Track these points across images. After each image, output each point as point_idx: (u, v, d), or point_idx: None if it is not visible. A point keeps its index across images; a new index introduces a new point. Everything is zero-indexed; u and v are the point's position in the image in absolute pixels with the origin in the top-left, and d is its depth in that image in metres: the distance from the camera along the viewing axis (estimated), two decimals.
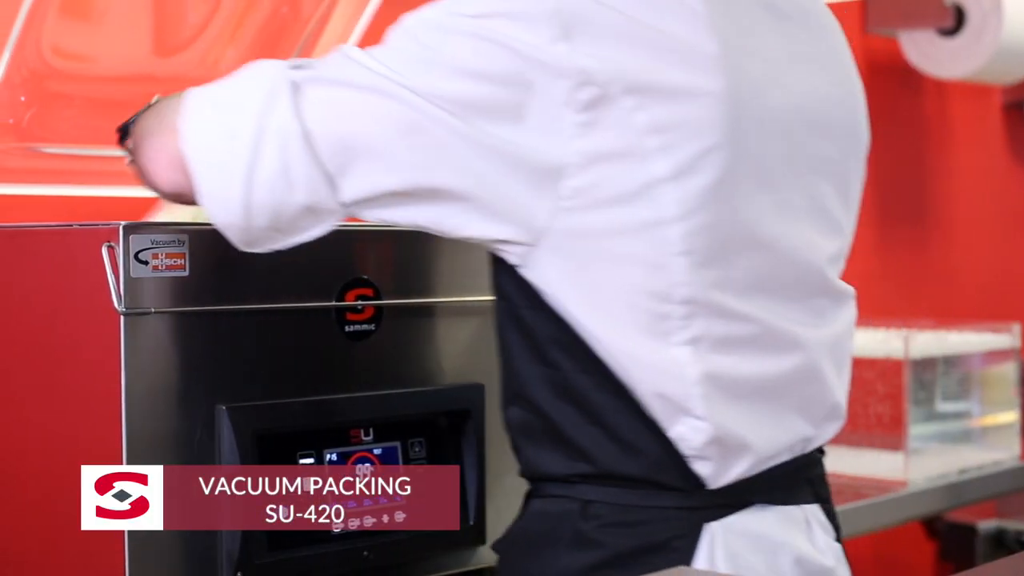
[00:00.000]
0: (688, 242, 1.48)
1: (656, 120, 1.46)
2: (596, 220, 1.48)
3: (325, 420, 1.72)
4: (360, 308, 1.76)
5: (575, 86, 1.45)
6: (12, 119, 2.21)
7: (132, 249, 1.59)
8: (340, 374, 1.75)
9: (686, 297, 1.49)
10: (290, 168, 1.49)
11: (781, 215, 1.55)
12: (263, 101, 1.50)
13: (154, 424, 1.62)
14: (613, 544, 1.52)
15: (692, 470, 1.52)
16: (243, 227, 1.53)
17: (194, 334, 1.65)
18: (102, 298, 1.59)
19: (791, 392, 1.58)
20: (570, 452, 1.54)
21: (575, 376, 1.53)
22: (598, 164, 1.47)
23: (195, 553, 1.64)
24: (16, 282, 1.80)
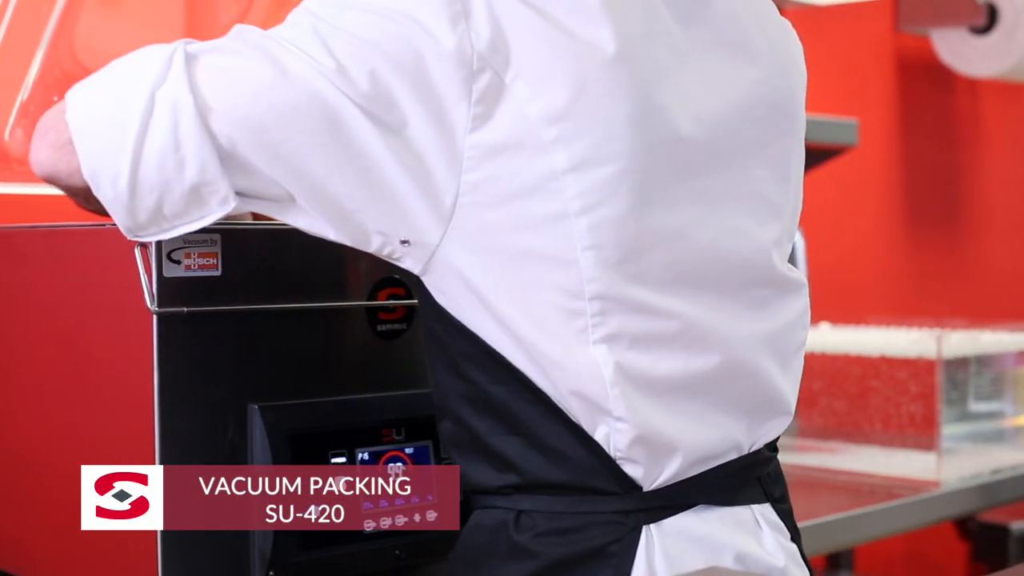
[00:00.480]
0: (594, 236, 1.44)
1: (551, 110, 1.43)
2: (498, 216, 1.45)
3: (357, 419, 1.72)
4: (392, 307, 1.76)
5: (471, 73, 1.43)
6: None
7: (165, 249, 1.59)
8: (372, 373, 1.75)
9: (597, 293, 1.45)
10: (181, 143, 1.43)
11: (700, 203, 1.51)
12: (157, 72, 1.45)
13: (187, 424, 1.62)
14: (548, 553, 1.49)
15: (623, 472, 1.49)
16: (128, 206, 1.47)
17: (226, 333, 1.65)
18: (135, 298, 1.60)
19: (720, 388, 1.54)
20: (497, 463, 1.52)
21: (490, 388, 1.50)
22: (495, 157, 1.44)
23: (227, 552, 1.64)
24: (50, 282, 1.81)
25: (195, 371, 1.63)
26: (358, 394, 1.74)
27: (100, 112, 1.47)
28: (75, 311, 1.76)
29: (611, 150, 1.44)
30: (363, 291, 1.74)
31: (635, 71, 1.46)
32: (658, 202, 1.48)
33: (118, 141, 1.45)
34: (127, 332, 1.64)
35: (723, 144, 1.53)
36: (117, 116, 1.45)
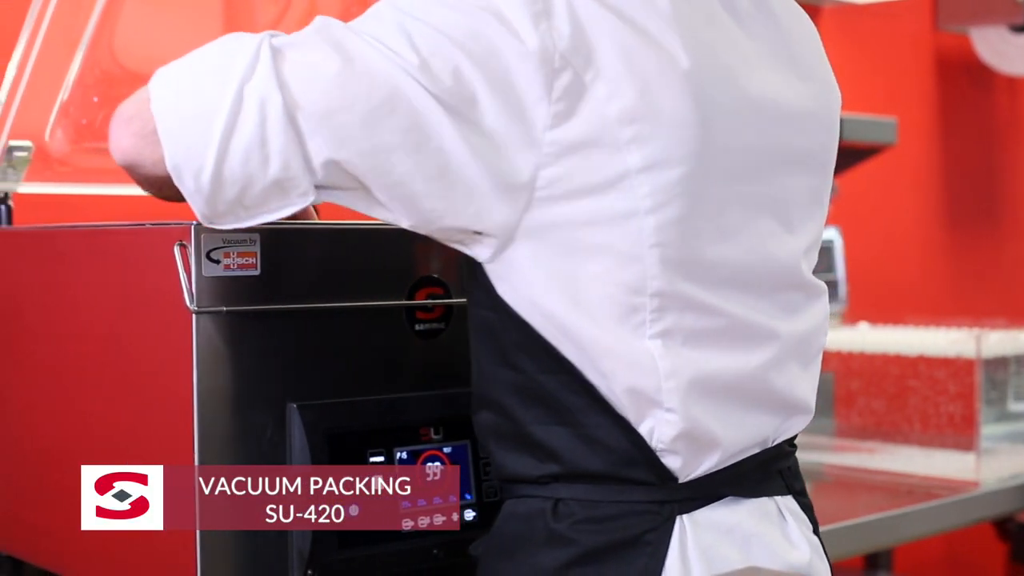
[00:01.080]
0: (661, 234, 1.47)
1: (628, 110, 1.46)
2: (570, 211, 1.48)
3: (395, 418, 1.72)
4: (430, 307, 1.76)
5: (552, 71, 1.45)
6: (85, 119, 2.22)
7: (204, 248, 1.60)
8: (410, 372, 1.75)
9: (658, 289, 1.48)
10: (268, 140, 1.45)
11: (749, 208, 1.55)
12: (244, 66, 1.45)
13: (225, 423, 1.63)
14: (585, 541, 1.52)
15: (662, 464, 1.52)
16: (208, 198, 1.48)
17: (265, 333, 1.65)
18: (174, 297, 1.60)
19: (759, 387, 1.58)
20: (539, 453, 1.54)
21: (539, 377, 1.53)
22: (572, 154, 1.46)
23: (266, 551, 1.65)
24: (90, 281, 1.82)
25: (234, 370, 1.63)
26: (396, 393, 1.74)
27: (186, 105, 1.48)
28: (115, 310, 1.76)
29: (681, 152, 1.47)
30: (401, 290, 1.75)
31: (703, 78, 1.50)
32: (716, 205, 1.52)
33: (204, 135, 1.45)
34: (166, 331, 1.65)
35: (772, 152, 1.58)
36: (204, 110, 1.46)
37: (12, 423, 2.01)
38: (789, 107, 1.60)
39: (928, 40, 4.43)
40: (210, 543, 1.62)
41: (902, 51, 4.39)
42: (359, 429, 1.69)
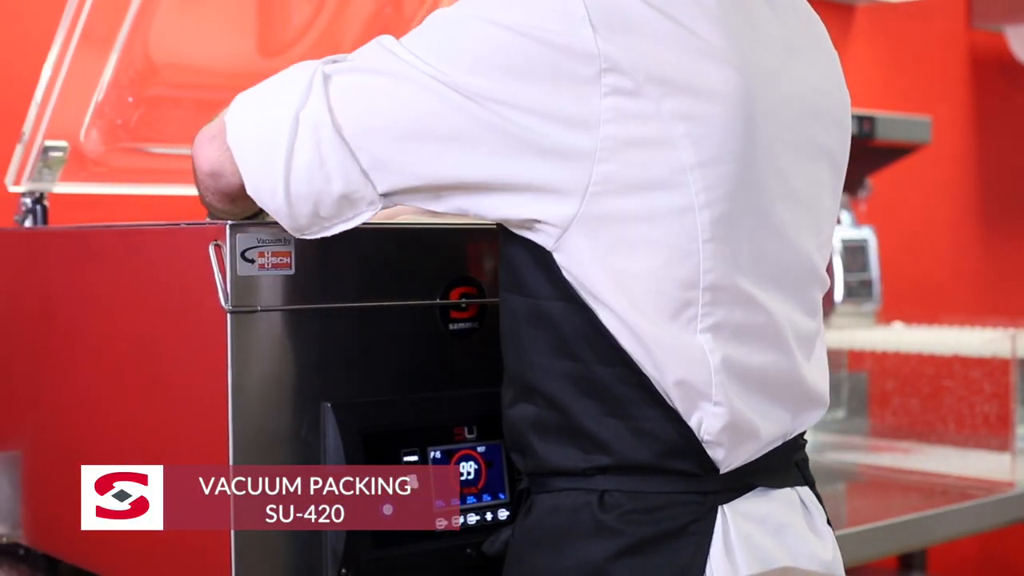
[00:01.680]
0: (715, 229, 1.50)
1: (682, 108, 1.49)
2: (626, 205, 1.50)
3: (429, 418, 1.73)
4: (464, 306, 1.76)
5: (602, 72, 1.47)
6: (120, 120, 2.23)
7: (239, 248, 1.60)
8: (444, 372, 1.76)
9: (710, 284, 1.52)
10: (325, 160, 1.53)
11: (792, 203, 1.59)
12: (300, 94, 1.54)
13: (260, 421, 1.63)
14: (633, 532, 1.54)
15: (707, 455, 1.55)
16: (288, 214, 1.56)
17: (300, 332, 1.65)
18: (209, 296, 1.61)
19: (787, 380, 1.62)
20: (587, 445, 1.56)
21: (596, 368, 1.55)
22: (627, 150, 1.49)
23: (300, 550, 1.65)
24: (125, 281, 1.82)
25: (268, 370, 1.64)
26: (430, 393, 1.74)
27: (254, 133, 1.57)
28: (150, 310, 1.77)
29: (731, 149, 1.51)
30: (435, 289, 1.75)
31: (750, 75, 1.53)
32: (764, 200, 1.55)
33: (270, 160, 1.55)
34: (201, 331, 1.65)
35: (806, 148, 1.61)
36: (267, 137, 1.55)
37: (48, 422, 2.02)
38: (816, 104, 1.63)
39: (962, 38, 4.41)
40: (244, 543, 1.62)
41: (936, 49, 4.37)
42: (393, 428, 1.69)
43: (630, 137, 1.48)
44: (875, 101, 3.97)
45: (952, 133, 4.38)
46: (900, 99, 4.11)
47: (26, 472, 2.09)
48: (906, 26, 4.25)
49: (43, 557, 2.07)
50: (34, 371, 2.06)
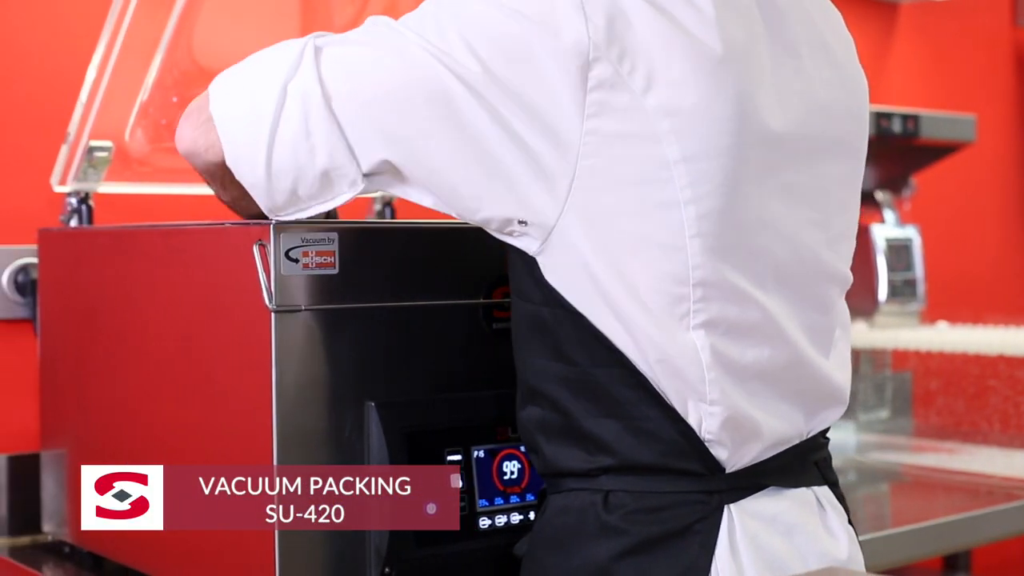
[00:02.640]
0: (701, 224, 1.49)
1: (666, 103, 1.48)
2: (613, 200, 1.49)
3: (472, 417, 1.73)
4: (507, 306, 1.76)
5: (586, 63, 1.47)
6: (164, 120, 2.24)
7: (283, 247, 1.61)
8: (487, 371, 1.76)
9: (700, 279, 1.50)
10: (312, 132, 1.52)
11: (788, 198, 1.57)
12: (289, 65, 1.54)
13: (304, 420, 1.64)
14: (638, 531, 1.54)
15: (710, 454, 1.54)
16: (266, 190, 1.56)
17: (343, 331, 1.66)
18: (253, 296, 1.61)
19: (788, 377, 1.60)
20: (589, 447, 1.56)
21: (592, 370, 1.54)
22: (612, 144, 1.48)
23: (343, 549, 1.66)
24: (170, 280, 1.83)
25: (312, 369, 1.64)
26: (473, 392, 1.74)
27: (239, 104, 1.57)
28: (194, 309, 1.78)
29: (717, 145, 1.49)
30: (479, 289, 1.75)
31: (738, 72, 1.52)
32: (754, 195, 1.53)
33: (255, 131, 1.54)
34: (245, 330, 1.66)
35: (806, 142, 1.59)
36: (253, 107, 1.55)
37: (93, 420, 2.03)
38: (825, 96, 1.62)
39: (1007, 36, 4.38)
40: (289, 542, 1.63)
41: (980, 47, 4.35)
42: (436, 428, 1.69)
43: (613, 132, 1.47)
44: (919, 100, 3.95)
45: (996, 131, 4.35)
46: (944, 97, 4.09)
47: (71, 470, 2.10)
48: (950, 24, 4.23)
49: (88, 555, 2.08)
50: (79, 370, 2.08)
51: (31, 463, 2.25)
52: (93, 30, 2.14)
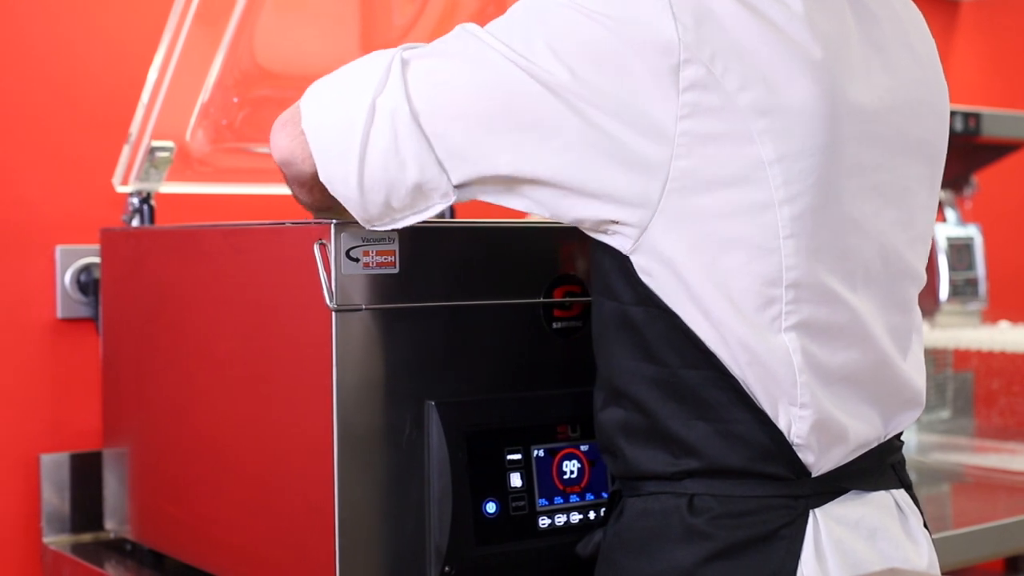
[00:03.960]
0: (795, 225, 1.48)
1: (760, 103, 1.47)
2: (706, 202, 1.48)
3: (533, 416, 1.73)
4: (568, 304, 1.76)
5: (681, 64, 1.46)
6: (225, 120, 2.25)
7: (343, 247, 1.61)
8: (547, 370, 1.76)
9: (793, 281, 1.50)
10: (401, 148, 1.52)
11: (876, 198, 1.57)
12: (377, 80, 1.53)
13: (364, 419, 1.64)
14: (724, 536, 1.53)
15: (797, 458, 1.54)
16: (360, 203, 1.55)
17: (404, 330, 1.66)
18: (314, 295, 1.62)
19: (877, 380, 1.60)
20: (675, 449, 1.55)
21: (681, 372, 1.53)
22: (705, 145, 1.47)
23: (404, 546, 1.66)
24: (231, 279, 1.84)
25: (373, 368, 1.64)
26: (533, 391, 1.74)
27: (329, 119, 1.57)
28: (255, 308, 1.79)
29: (812, 143, 1.49)
30: (539, 288, 1.75)
31: (831, 69, 1.51)
32: (846, 195, 1.53)
33: (346, 146, 1.54)
34: (306, 329, 1.66)
35: (892, 141, 1.58)
36: (344, 123, 1.55)
37: (155, 418, 2.04)
38: (910, 95, 1.61)
39: None
40: (349, 539, 1.63)
41: None
42: (497, 427, 1.70)
43: (707, 133, 1.47)
44: (980, 98, 3.92)
45: None
46: (1005, 95, 4.06)
47: (133, 468, 2.11)
48: (1011, 21, 4.19)
49: (150, 552, 2.09)
50: (141, 368, 2.09)
51: (94, 461, 2.27)
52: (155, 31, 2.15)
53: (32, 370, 2.34)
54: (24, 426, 2.33)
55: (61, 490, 2.32)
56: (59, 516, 2.32)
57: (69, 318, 2.36)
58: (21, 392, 2.33)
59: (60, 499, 2.32)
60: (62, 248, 2.35)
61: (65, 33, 2.36)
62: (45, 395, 2.35)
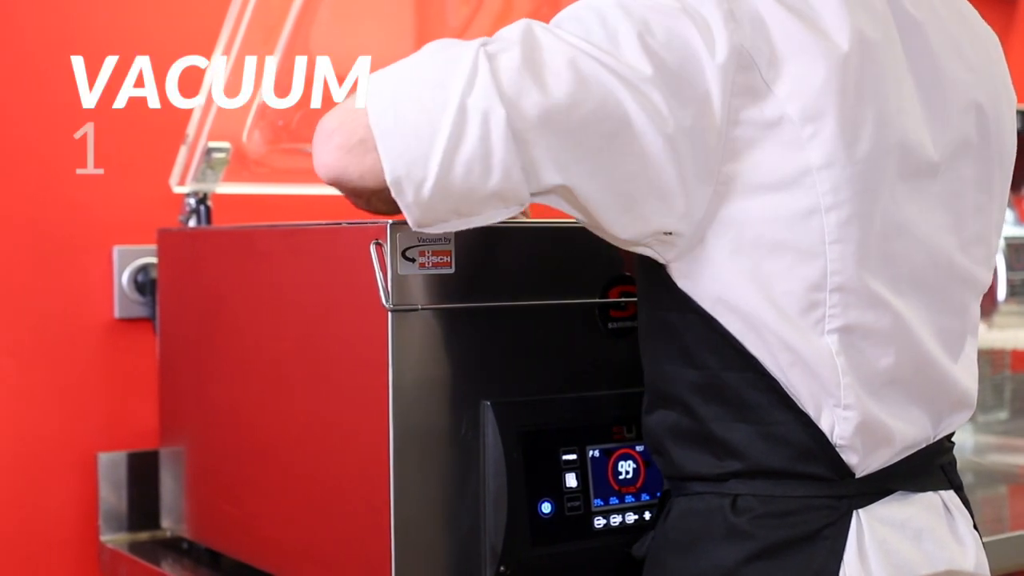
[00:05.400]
0: (842, 230, 1.47)
1: (808, 108, 1.45)
2: (750, 206, 1.47)
3: (588, 417, 1.73)
4: (623, 305, 1.76)
5: (736, 68, 1.45)
6: (282, 121, 2.26)
7: (400, 247, 1.61)
8: (603, 371, 1.75)
9: (838, 285, 1.48)
10: (491, 153, 1.42)
11: (921, 202, 1.55)
12: (464, 78, 1.43)
13: (420, 419, 1.64)
14: (765, 536, 1.52)
15: (840, 459, 1.53)
16: (427, 207, 1.46)
17: (460, 330, 1.66)
18: (370, 295, 1.62)
19: (918, 382, 1.58)
20: (719, 451, 1.55)
21: (723, 375, 1.53)
22: (753, 150, 1.46)
23: (459, 546, 1.66)
24: (288, 279, 1.85)
25: (429, 368, 1.65)
26: (589, 392, 1.74)
27: (406, 120, 1.44)
28: (311, 308, 1.79)
29: (859, 150, 1.47)
30: (595, 288, 1.75)
31: (876, 75, 1.50)
32: (891, 200, 1.51)
33: (426, 148, 1.43)
34: (362, 329, 1.67)
35: (942, 145, 1.57)
36: (425, 124, 1.43)
37: (212, 417, 2.05)
38: (956, 98, 1.59)
39: None
40: (404, 539, 1.63)
41: None
42: (552, 427, 1.70)
43: (755, 137, 1.46)
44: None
45: None
46: None
47: (190, 467, 2.13)
48: None
49: (206, 551, 2.10)
50: (198, 368, 2.10)
51: (150, 460, 2.28)
52: (211, 32, 2.16)
53: (90, 370, 2.36)
54: (82, 425, 2.35)
55: (118, 489, 2.34)
56: (116, 515, 2.34)
57: (126, 318, 2.37)
58: (79, 392, 2.35)
59: (117, 498, 2.34)
60: (119, 248, 2.37)
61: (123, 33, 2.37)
62: (102, 394, 2.36)
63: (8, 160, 2.32)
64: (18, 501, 2.31)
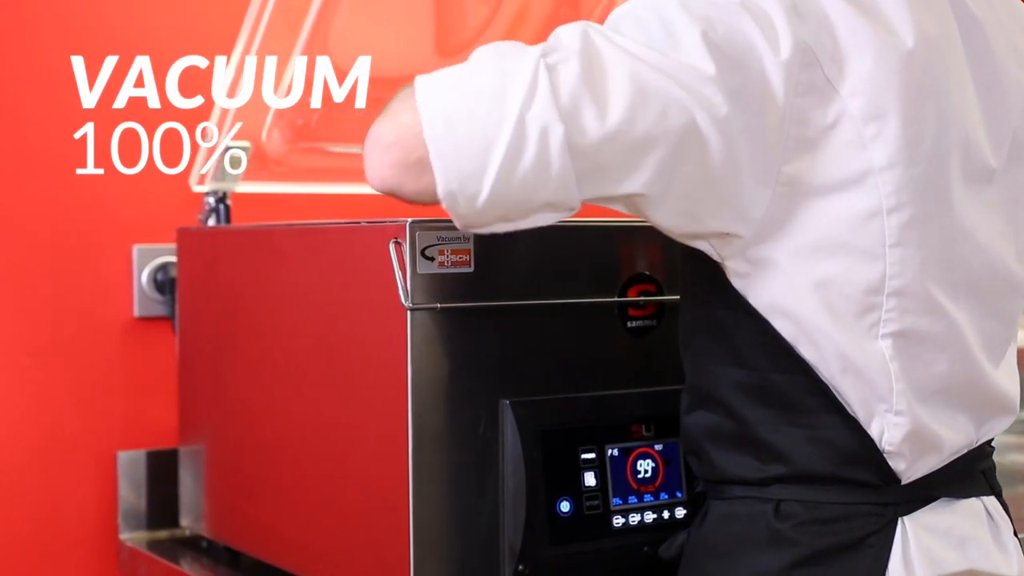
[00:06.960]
0: (903, 233, 1.45)
1: (872, 108, 1.43)
2: (811, 206, 1.45)
3: (607, 416, 1.72)
4: (642, 304, 1.76)
5: (799, 67, 1.42)
6: (301, 120, 2.26)
7: (419, 245, 1.61)
8: (622, 370, 1.75)
9: (895, 289, 1.47)
10: (549, 166, 1.38)
11: (981, 207, 1.53)
12: (524, 92, 1.38)
13: (439, 417, 1.64)
14: (809, 542, 1.50)
15: (888, 465, 1.51)
16: (477, 214, 1.42)
17: (478, 329, 1.66)
18: (389, 294, 1.62)
19: (972, 388, 1.56)
20: (763, 455, 1.53)
21: (772, 376, 1.51)
22: (815, 150, 1.44)
23: (477, 545, 1.66)
24: (307, 278, 1.85)
25: (447, 367, 1.65)
26: (607, 390, 1.74)
27: (462, 132, 1.40)
28: (330, 306, 1.79)
29: (922, 151, 1.45)
30: (613, 287, 1.75)
31: (940, 73, 1.48)
32: (953, 204, 1.49)
33: (482, 163, 1.39)
34: (381, 328, 1.67)
35: (1000, 148, 1.55)
36: (480, 139, 1.39)
37: (231, 416, 2.06)
38: (1014, 99, 1.57)
39: None
40: (423, 538, 1.64)
41: None
42: (571, 426, 1.69)
43: (818, 137, 1.44)
44: None
45: None
46: None
47: (209, 466, 2.13)
48: None
49: (225, 550, 2.10)
50: (217, 367, 2.10)
51: (169, 459, 2.28)
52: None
53: (109, 368, 2.36)
54: (101, 424, 2.35)
55: (137, 487, 2.34)
56: (135, 513, 2.34)
57: (145, 317, 2.38)
58: (98, 390, 2.35)
59: (136, 496, 2.34)
60: (139, 247, 2.37)
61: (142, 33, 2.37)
62: (122, 393, 2.37)
63: (29, 160, 2.32)
64: (38, 499, 2.32)
